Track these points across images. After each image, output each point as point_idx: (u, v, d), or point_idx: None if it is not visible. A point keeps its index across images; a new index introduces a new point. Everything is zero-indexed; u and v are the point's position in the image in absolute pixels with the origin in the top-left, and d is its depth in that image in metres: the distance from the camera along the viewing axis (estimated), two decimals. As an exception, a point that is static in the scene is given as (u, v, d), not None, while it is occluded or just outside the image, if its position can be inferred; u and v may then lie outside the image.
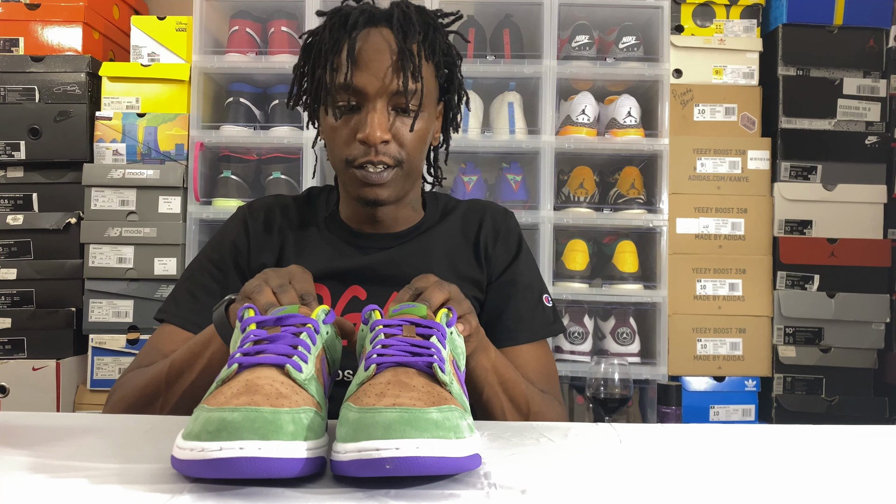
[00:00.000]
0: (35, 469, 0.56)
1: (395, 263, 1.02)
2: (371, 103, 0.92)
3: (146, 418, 0.79)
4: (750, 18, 2.25)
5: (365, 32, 0.94)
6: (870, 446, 0.72)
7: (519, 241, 1.10)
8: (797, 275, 2.16)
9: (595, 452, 0.66)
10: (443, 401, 0.55)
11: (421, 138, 0.97)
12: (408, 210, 1.06)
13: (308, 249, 1.04)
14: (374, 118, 0.91)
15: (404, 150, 0.95)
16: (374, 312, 0.68)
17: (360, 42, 0.93)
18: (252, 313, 0.65)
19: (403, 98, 0.93)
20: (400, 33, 0.93)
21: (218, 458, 0.48)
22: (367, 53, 0.92)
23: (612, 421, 1.36)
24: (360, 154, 0.93)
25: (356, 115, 0.94)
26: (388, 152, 0.94)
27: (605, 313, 2.18)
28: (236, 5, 2.19)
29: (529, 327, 1.03)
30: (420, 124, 0.95)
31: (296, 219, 1.07)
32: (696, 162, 2.18)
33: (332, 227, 1.06)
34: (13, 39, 2.18)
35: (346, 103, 0.94)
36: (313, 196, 1.12)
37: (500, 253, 1.07)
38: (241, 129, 2.12)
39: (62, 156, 2.12)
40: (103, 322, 2.09)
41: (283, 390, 0.54)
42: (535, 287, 1.08)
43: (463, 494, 0.51)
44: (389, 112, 0.94)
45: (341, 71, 0.92)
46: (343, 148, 0.95)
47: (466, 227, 1.08)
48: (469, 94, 2.14)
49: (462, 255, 1.06)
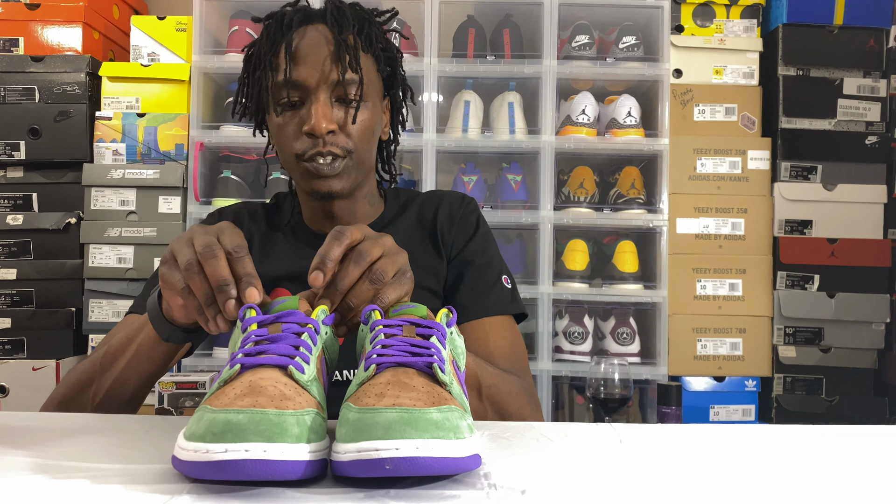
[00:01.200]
0: (35, 469, 0.56)
1: None
2: (313, 95, 0.94)
3: (146, 418, 0.79)
4: (750, 18, 2.25)
5: (301, 30, 0.96)
6: (870, 446, 0.72)
7: (477, 222, 1.10)
8: (797, 275, 2.16)
9: (595, 452, 0.66)
10: (443, 401, 0.55)
11: (367, 128, 0.98)
12: (364, 205, 1.07)
13: (272, 253, 1.06)
14: (317, 109, 0.93)
15: (351, 140, 0.96)
16: (373, 312, 0.68)
17: (297, 39, 0.95)
18: (253, 313, 0.65)
19: (343, 88, 0.95)
20: (335, 27, 0.96)
21: (223, 459, 0.48)
22: (304, 48, 0.95)
23: (612, 421, 1.36)
24: (309, 147, 0.95)
25: (300, 110, 0.96)
26: (335, 142, 0.95)
27: (605, 313, 2.18)
28: (236, 5, 2.19)
29: (484, 303, 1.02)
30: (364, 114, 0.97)
31: (263, 224, 1.10)
32: (696, 162, 2.18)
33: (295, 232, 1.08)
34: (13, 39, 2.18)
35: (288, 100, 0.95)
36: (280, 202, 1.14)
37: (456, 235, 1.08)
38: (241, 129, 2.12)
39: (62, 156, 2.12)
40: (103, 322, 2.09)
41: (286, 392, 0.54)
42: (492, 266, 1.07)
43: (463, 494, 0.51)
44: (333, 103, 0.95)
45: (280, 68, 0.95)
46: (291, 143, 0.96)
47: (423, 216, 1.09)
48: (469, 95, 2.16)
49: (420, 245, 1.06)
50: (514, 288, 1.08)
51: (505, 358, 0.99)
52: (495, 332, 1.01)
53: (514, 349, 1.03)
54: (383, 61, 1.02)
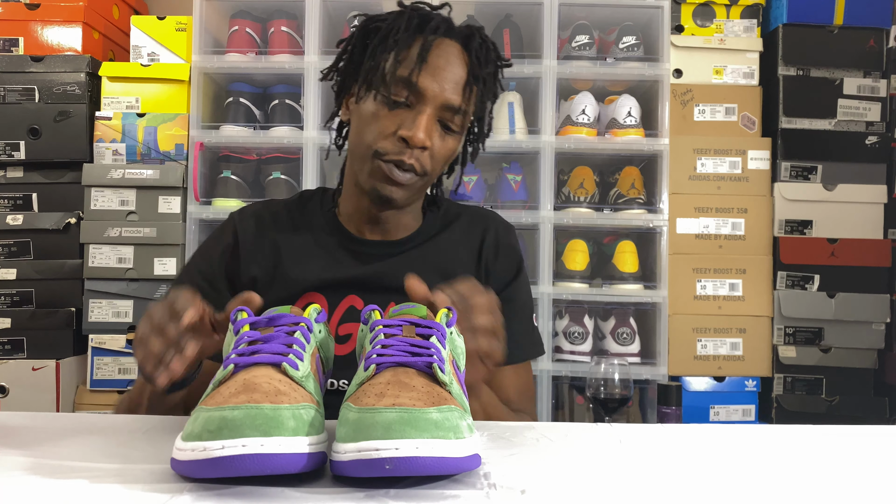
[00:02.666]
0: (35, 469, 0.56)
1: (393, 273, 0.99)
2: (425, 106, 0.92)
3: (146, 418, 0.79)
4: (750, 18, 2.25)
5: (441, 40, 0.94)
6: (870, 446, 0.72)
7: (520, 259, 1.10)
8: (797, 275, 2.16)
9: (595, 452, 0.66)
10: (442, 401, 0.55)
11: (448, 158, 0.98)
12: (409, 217, 1.06)
13: (304, 259, 1.02)
14: (423, 121, 0.91)
15: (432, 162, 0.95)
16: (373, 312, 0.68)
17: (435, 47, 0.93)
18: (245, 315, 0.65)
19: (451, 115, 0.94)
20: (476, 61, 0.95)
21: (221, 456, 0.48)
22: (438, 60, 0.93)
23: (612, 421, 1.36)
24: (394, 150, 0.93)
25: (403, 112, 0.93)
26: (419, 159, 0.93)
27: (605, 313, 2.17)
28: (236, 5, 2.19)
29: (520, 348, 1.04)
30: (452, 144, 0.97)
31: (288, 225, 1.05)
32: (697, 162, 2.18)
33: (329, 230, 1.05)
34: (13, 39, 2.18)
35: (399, 98, 0.93)
36: (305, 199, 1.10)
37: (500, 269, 1.07)
38: (241, 129, 2.12)
39: (62, 156, 2.12)
40: (103, 322, 2.09)
41: (281, 388, 0.55)
42: (528, 307, 1.09)
43: (463, 494, 0.51)
44: (437, 122, 0.94)
45: (407, 66, 0.92)
46: (377, 139, 0.93)
47: (469, 238, 1.08)
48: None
49: (461, 268, 1.04)
50: (537, 326, 1.11)
51: (522, 398, 1.03)
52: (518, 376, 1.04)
53: (528, 390, 1.07)
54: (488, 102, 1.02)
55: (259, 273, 1.02)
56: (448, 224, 1.08)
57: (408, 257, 1.03)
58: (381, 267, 1.02)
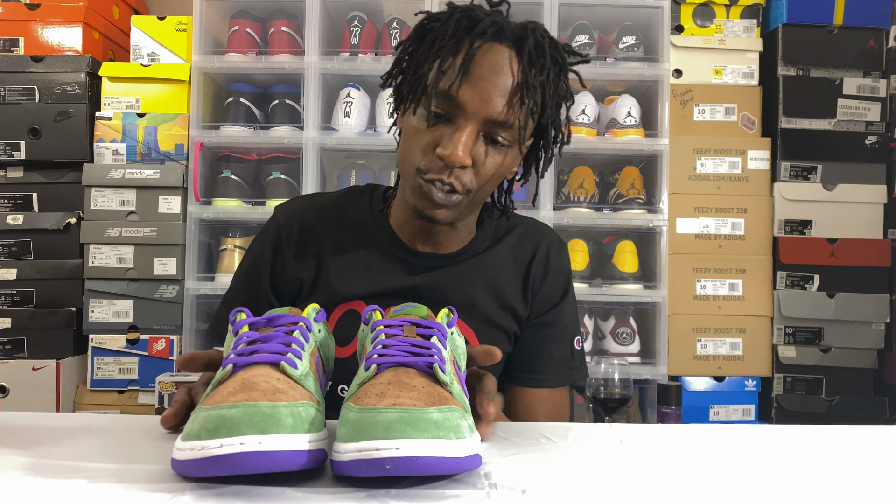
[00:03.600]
0: (35, 469, 0.56)
1: (439, 287, 0.97)
2: (465, 121, 0.84)
3: (146, 418, 0.79)
4: (750, 18, 2.25)
5: (488, 46, 0.85)
6: (870, 446, 0.72)
7: (567, 281, 1.06)
8: (797, 275, 2.16)
9: (595, 452, 0.66)
10: (443, 401, 0.55)
11: (498, 174, 0.90)
12: (463, 231, 1.00)
13: (349, 270, 0.98)
14: (460, 138, 0.84)
15: (477, 180, 0.88)
16: (374, 313, 0.68)
17: (481, 55, 0.84)
18: (244, 316, 0.65)
19: (498, 128, 0.86)
20: (528, 64, 0.85)
21: (219, 454, 0.48)
22: (482, 70, 0.84)
23: (612, 421, 1.36)
24: (434, 169, 0.86)
25: (443, 127, 0.86)
26: (461, 177, 0.86)
27: (605, 313, 2.18)
28: (236, 5, 2.19)
29: (557, 373, 1.02)
30: (503, 159, 0.88)
31: (334, 227, 1.00)
32: (696, 162, 2.18)
33: (377, 231, 1.00)
34: (13, 39, 2.18)
35: (439, 111, 0.86)
36: (353, 197, 1.04)
37: (547, 290, 1.03)
38: (241, 129, 2.12)
39: (62, 156, 2.12)
40: (103, 322, 2.09)
41: (279, 386, 0.55)
42: (570, 331, 1.05)
43: (463, 494, 0.51)
44: (479, 136, 0.86)
45: (448, 77, 0.84)
46: (418, 155, 0.87)
47: (519, 253, 1.03)
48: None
49: (509, 284, 1.01)
50: (581, 349, 1.07)
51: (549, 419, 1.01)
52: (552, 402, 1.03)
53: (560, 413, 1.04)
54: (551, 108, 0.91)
55: (305, 276, 0.99)
56: (500, 238, 1.04)
57: (454, 272, 0.99)
58: (426, 279, 0.98)
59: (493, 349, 0.74)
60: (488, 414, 0.68)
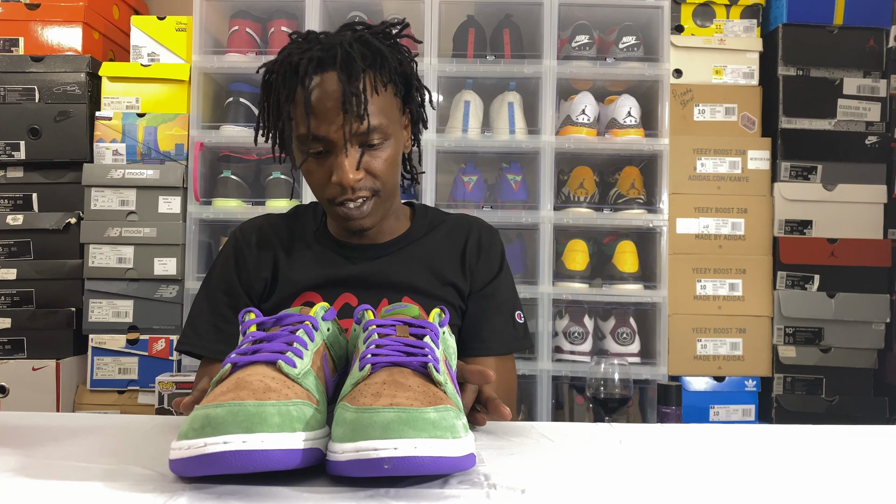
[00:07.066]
0: (35, 469, 0.56)
1: (382, 272, 1.07)
2: (338, 147, 0.94)
3: (146, 418, 0.79)
4: (750, 18, 2.25)
5: (316, 81, 0.93)
6: (870, 446, 0.72)
7: (501, 258, 1.15)
8: (797, 275, 2.16)
9: (595, 452, 0.66)
10: (439, 400, 0.55)
11: (392, 164, 1.00)
12: (391, 221, 1.10)
13: (300, 262, 1.08)
14: (343, 163, 0.94)
15: (378, 179, 0.98)
16: (366, 312, 0.68)
17: (314, 93, 0.93)
18: (252, 316, 0.65)
19: (366, 136, 0.95)
20: (344, 77, 0.92)
21: (203, 453, 0.49)
22: (321, 102, 0.93)
23: (612, 421, 1.36)
24: (338, 193, 0.97)
25: (328, 157, 0.96)
26: (363, 186, 0.97)
27: (605, 313, 2.17)
28: (236, 5, 2.19)
29: (501, 340, 1.09)
30: (389, 151, 0.98)
31: (286, 235, 1.12)
32: (696, 162, 2.18)
33: (321, 240, 1.11)
34: (13, 39, 2.18)
35: (316, 149, 0.95)
36: (300, 213, 1.16)
37: (482, 268, 1.11)
38: (241, 129, 2.12)
39: (62, 156, 2.12)
40: (103, 322, 2.09)
41: (272, 385, 0.55)
42: (510, 303, 1.13)
43: (463, 494, 0.51)
44: (358, 150, 0.95)
45: (301, 123, 0.94)
46: (321, 188, 0.98)
47: (453, 239, 1.13)
48: (469, 95, 2.16)
49: (447, 264, 1.10)
50: (525, 323, 1.14)
51: (500, 388, 1.05)
52: (500, 372, 1.07)
53: (510, 386, 1.12)
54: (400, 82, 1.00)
55: (267, 274, 1.09)
56: (433, 228, 1.14)
57: (397, 256, 1.09)
58: (371, 266, 1.07)
59: (486, 370, 0.76)
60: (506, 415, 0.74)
